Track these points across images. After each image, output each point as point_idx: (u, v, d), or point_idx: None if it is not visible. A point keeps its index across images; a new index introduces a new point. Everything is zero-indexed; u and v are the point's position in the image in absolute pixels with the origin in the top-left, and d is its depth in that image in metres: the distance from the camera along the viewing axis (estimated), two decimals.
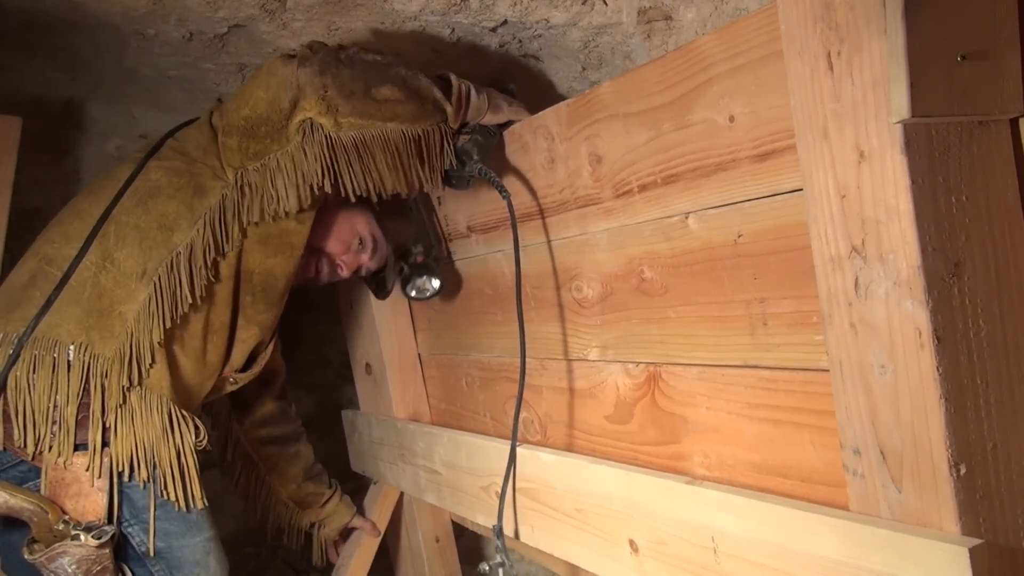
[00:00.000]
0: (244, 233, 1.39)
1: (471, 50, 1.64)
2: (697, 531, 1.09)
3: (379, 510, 2.02)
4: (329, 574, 1.96)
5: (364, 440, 2.10)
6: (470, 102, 1.41)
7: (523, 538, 1.48)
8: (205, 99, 1.98)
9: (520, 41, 1.62)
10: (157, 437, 1.29)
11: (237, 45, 1.66)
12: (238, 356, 1.49)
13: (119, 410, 1.27)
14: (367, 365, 2.05)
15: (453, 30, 1.57)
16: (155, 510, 1.30)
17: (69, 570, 1.20)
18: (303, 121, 1.29)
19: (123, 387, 1.28)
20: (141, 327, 1.30)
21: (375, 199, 1.40)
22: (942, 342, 0.83)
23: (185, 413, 1.33)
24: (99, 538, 1.21)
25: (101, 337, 1.29)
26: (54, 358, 1.26)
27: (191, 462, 1.32)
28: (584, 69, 1.63)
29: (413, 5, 1.47)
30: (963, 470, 0.83)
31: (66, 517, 1.23)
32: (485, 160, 1.42)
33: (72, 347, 1.27)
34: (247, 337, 1.48)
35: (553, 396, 1.51)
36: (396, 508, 2.05)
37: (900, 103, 0.80)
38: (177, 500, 1.30)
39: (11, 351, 1.27)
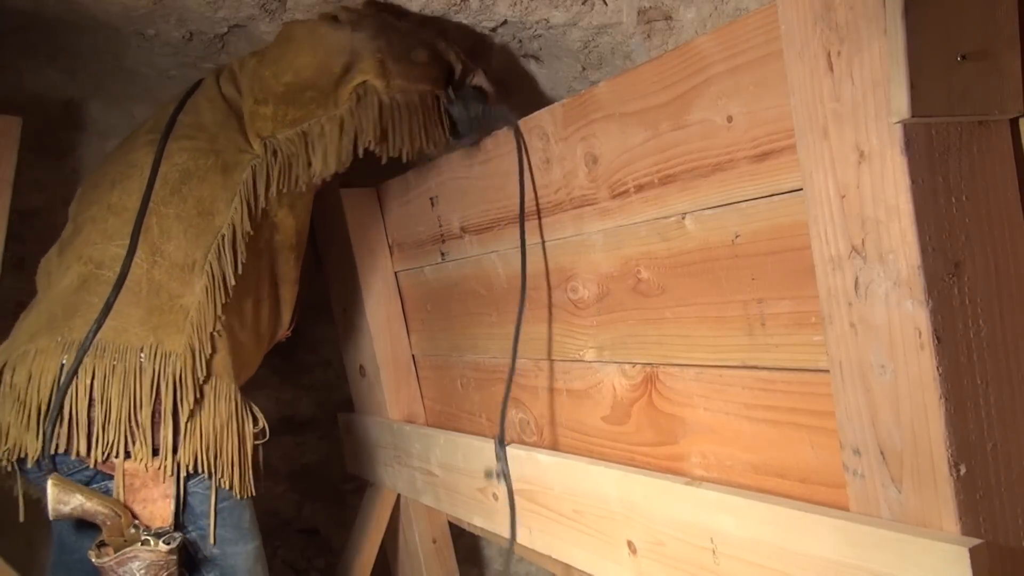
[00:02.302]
0: (278, 202, 1.42)
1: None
2: (696, 532, 1.09)
3: (376, 512, 2.01)
4: (329, 574, 1.95)
5: (360, 442, 2.10)
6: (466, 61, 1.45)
7: (521, 540, 1.47)
8: None
9: (520, 41, 1.62)
10: (223, 425, 1.30)
11: (237, 45, 1.66)
12: (287, 315, 1.54)
13: (195, 404, 1.28)
14: (361, 367, 2.05)
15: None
16: (219, 515, 1.31)
17: (138, 574, 1.21)
18: (359, 84, 1.30)
19: (198, 381, 1.29)
20: (203, 316, 1.31)
21: (406, 160, 1.41)
22: (942, 342, 0.82)
23: (248, 403, 1.35)
24: (169, 544, 1.23)
25: (168, 335, 1.29)
26: (125, 365, 1.26)
27: (249, 450, 1.33)
28: (584, 69, 1.64)
29: (413, 5, 1.47)
30: (963, 470, 0.83)
31: (136, 522, 1.25)
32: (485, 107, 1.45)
33: (143, 352, 1.27)
34: (290, 296, 1.53)
35: (549, 397, 1.50)
36: (393, 510, 2.05)
37: (900, 103, 0.80)
38: (234, 487, 1.30)
39: (74, 359, 1.26)
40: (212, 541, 1.31)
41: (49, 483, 1.22)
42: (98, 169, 1.57)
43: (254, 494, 1.35)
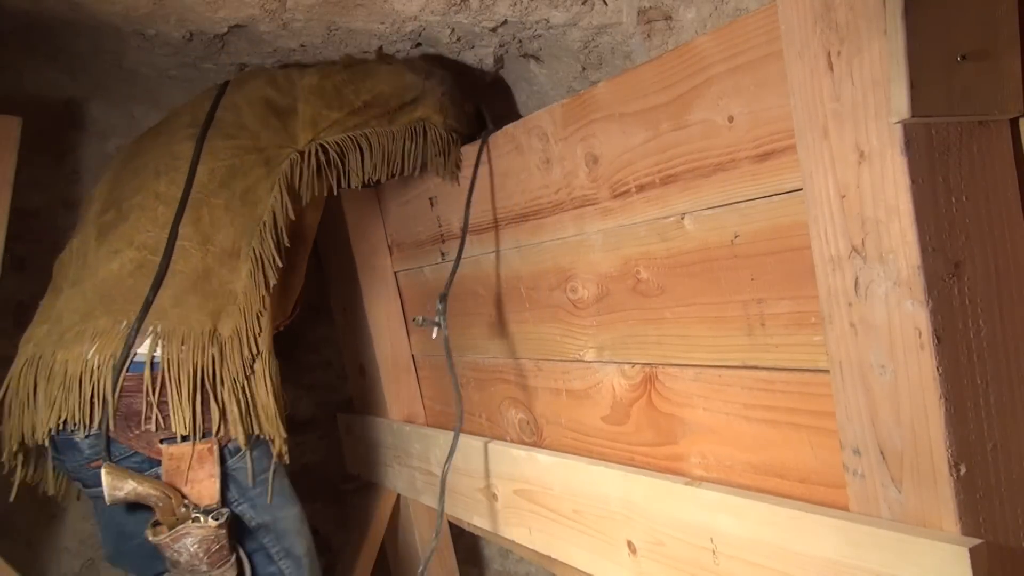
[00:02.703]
0: (310, 196, 1.54)
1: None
2: (696, 532, 1.09)
3: (376, 512, 2.01)
4: (329, 574, 1.95)
5: (360, 443, 2.10)
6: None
7: (521, 540, 1.47)
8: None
9: (520, 41, 1.62)
10: (270, 399, 1.38)
11: (237, 45, 1.66)
12: (290, 304, 1.64)
13: (246, 383, 1.36)
14: (361, 367, 2.05)
15: (453, 30, 1.57)
16: (272, 483, 1.41)
17: (191, 549, 1.29)
18: (418, 119, 1.60)
19: (249, 361, 1.37)
20: (250, 300, 1.40)
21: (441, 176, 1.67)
22: (942, 342, 0.82)
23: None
24: (218, 519, 1.31)
25: (222, 319, 1.37)
26: (190, 349, 1.32)
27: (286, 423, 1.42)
28: (584, 69, 1.64)
29: (413, 5, 1.47)
30: (963, 470, 0.83)
31: (186, 501, 1.32)
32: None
33: (204, 335, 1.34)
34: (297, 285, 1.64)
35: (549, 397, 1.50)
36: (393, 510, 2.05)
37: (900, 103, 0.80)
38: (284, 455, 1.40)
39: (140, 343, 1.32)
40: (269, 500, 1.40)
41: (103, 470, 1.27)
42: (131, 156, 1.61)
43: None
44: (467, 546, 2.33)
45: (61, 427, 1.31)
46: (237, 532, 1.37)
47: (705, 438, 1.17)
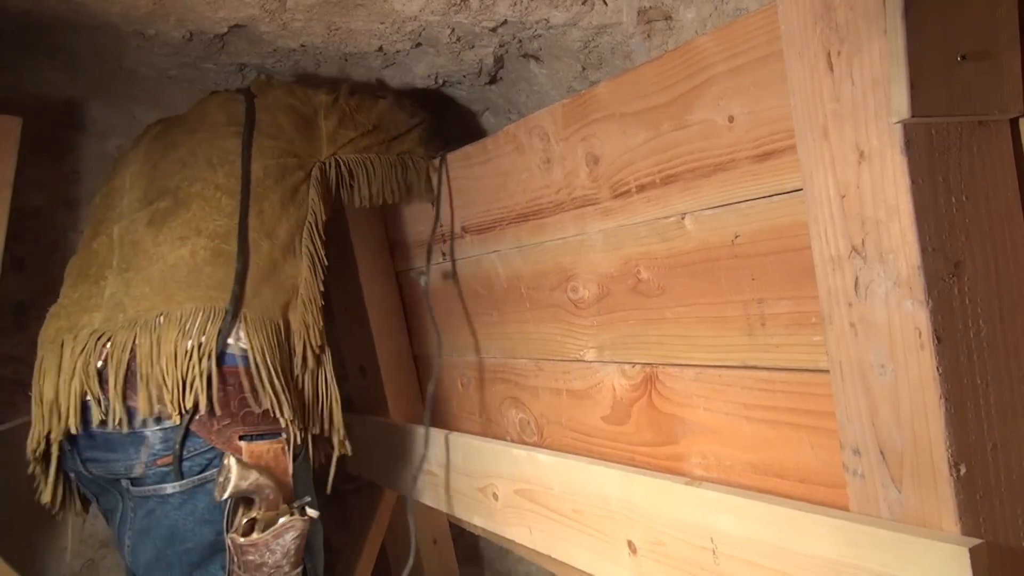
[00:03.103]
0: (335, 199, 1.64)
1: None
2: (696, 532, 1.09)
3: (377, 512, 2.01)
4: (330, 574, 1.95)
5: (360, 442, 2.10)
6: None
7: (521, 540, 1.47)
8: None
9: (520, 41, 1.62)
10: (333, 392, 1.43)
11: (237, 45, 1.66)
12: None
13: (311, 378, 1.40)
14: (361, 367, 2.05)
15: (453, 30, 1.57)
16: (334, 469, 1.45)
17: (288, 544, 1.25)
18: (406, 150, 1.76)
19: (314, 356, 1.41)
20: (311, 291, 1.45)
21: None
22: (942, 342, 0.82)
23: None
24: (315, 511, 1.30)
25: (290, 312, 1.41)
26: (274, 340, 1.35)
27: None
28: (584, 69, 1.63)
29: (413, 5, 1.47)
30: (963, 470, 0.83)
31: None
32: None
33: (279, 328, 1.37)
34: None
35: (549, 397, 1.51)
36: (393, 510, 2.05)
37: (900, 103, 0.80)
38: (345, 448, 1.45)
39: (225, 332, 1.32)
40: (328, 490, 1.43)
41: (232, 460, 1.23)
42: (169, 147, 1.60)
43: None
44: (467, 546, 2.33)
45: (121, 417, 1.26)
46: None
47: (705, 438, 1.17)
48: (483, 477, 1.57)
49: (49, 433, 1.32)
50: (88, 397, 1.31)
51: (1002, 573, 0.84)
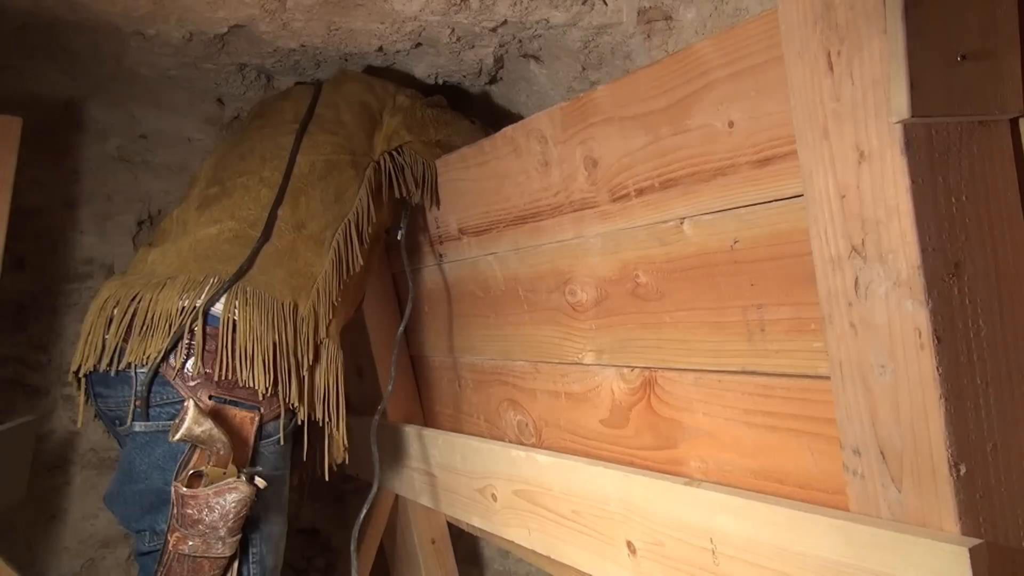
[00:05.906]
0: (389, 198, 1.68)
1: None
2: (695, 532, 1.09)
3: (375, 513, 2.01)
4: (329, 574, 1.95)
5: (358, 443, 2.09)
6: None
7: (520, 540, 1.47)
8: (205, 99, 1.98)
9: (520, 41, 1.62)
10: (332, 384, 1.45)
11: (237, 45, 1.66)
12: (360, 299, 1.71)
13: (313, 363, 1.43)
14: (359, 368, 2.05)
15: (453, 30, 1.57)
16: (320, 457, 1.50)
17: (228, 506, 1.26)
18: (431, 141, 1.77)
19: (318, 342, 1.44)
20: (328, 285, 1.49)
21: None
22: (942, 342, 0.82)
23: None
24: (264, 482, 1.29)
25: (301, 296, 1.45)
26: (271, 313, 1.39)
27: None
28: (584, 69, 1.64)
29: (413, 5, 1.47)
30: (963, 470, 0.83)
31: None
32: None
33: (284, 306, 1.42)
34: (368, 282, 1.72)
35: (548, 400, 1.50)
36: (392, 511, 2.05)
37: (900, 103, 0.80)
38: (346, 449, 1.51)
39: (224, 294, 1.39)
40: (326, 473, 1.50)
41: (191, 403, 1.28)
42: (238, 142, 1.71)
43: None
44: (467, 546, 2.33)
45: (118, 359, 1.36)
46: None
47: (704, 443, 1.17)
48: (482, 478, 1.57)
49: (78, 369, 1.43)
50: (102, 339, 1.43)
51: (1002, 573, 0.83)
